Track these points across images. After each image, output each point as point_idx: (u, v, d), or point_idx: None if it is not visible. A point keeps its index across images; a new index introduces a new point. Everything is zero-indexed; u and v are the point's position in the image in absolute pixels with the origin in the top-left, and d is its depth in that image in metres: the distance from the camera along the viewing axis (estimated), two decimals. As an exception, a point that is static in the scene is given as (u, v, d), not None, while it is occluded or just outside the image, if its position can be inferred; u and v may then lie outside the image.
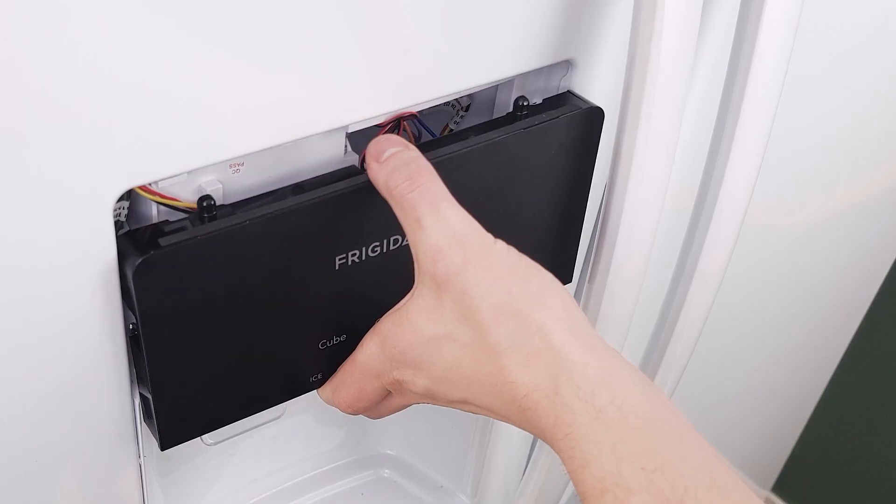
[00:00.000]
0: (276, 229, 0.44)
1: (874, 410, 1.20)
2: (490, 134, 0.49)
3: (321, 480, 0.66)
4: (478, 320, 0.42)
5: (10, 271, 0.39)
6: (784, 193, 0.82)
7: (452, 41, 0.47)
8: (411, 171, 0.44)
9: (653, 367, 0.64)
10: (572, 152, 0.52)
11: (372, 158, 0.45)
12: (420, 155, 0.45)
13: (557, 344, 0.41)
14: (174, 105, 0.39)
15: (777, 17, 0.51)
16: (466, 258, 0.42)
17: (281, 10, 0.40)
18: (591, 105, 0.52)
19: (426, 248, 0.43)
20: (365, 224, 0.47)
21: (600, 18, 0.52)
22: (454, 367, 0.43)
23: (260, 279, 0.45)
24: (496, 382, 0.42)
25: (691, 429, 0.40)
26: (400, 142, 0.45)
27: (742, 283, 0.83)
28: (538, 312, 0.42)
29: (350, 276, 0.47)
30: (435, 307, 0.43)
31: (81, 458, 0.48)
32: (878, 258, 1.08)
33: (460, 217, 0.43)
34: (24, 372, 0.43)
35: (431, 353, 0.44)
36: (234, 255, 0.43)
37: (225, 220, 0.43)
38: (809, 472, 1.27)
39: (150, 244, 0.41)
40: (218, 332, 0.45)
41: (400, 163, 0.44)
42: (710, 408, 1.06)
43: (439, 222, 0.43)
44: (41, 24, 0.34)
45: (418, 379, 0.45)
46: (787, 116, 0.59)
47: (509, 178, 0.51)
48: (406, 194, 0.43)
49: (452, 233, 0.43)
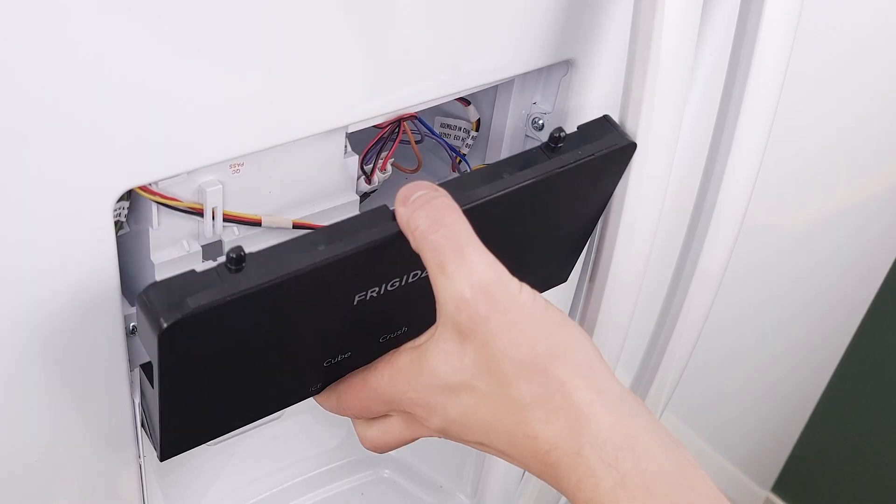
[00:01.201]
0: (307, 282, 0.42)
1: (874, 410, 1.20)
2: (526, 174, 0.46)
3: (321, 480, 0.66)
4: (500, 373, 0.41)
5: (10, 271, 0.39)
6: (784, 193, 0.82)
7: (452, 41, 0.47)
8: (436, 212, 0.42)
9: (653, 368, 0.64)
10: (601, 182, 0.51)
11: (399, 202, 0.43)
12: (446, 195, 0.43)
13: (581, 402, 0.40)
14: (174, 105, 0.39)
15: (777, 17, 0.51)
16: (491, 309, 0.41)
17: (281, 10, 0.40)
18: (628, 141, 0.49)
19: (450, 295, 0.41)
20: (390, 265, 0.45)
21: (600, 18, 0.52)
22: (471, 414, 0.43)
23: (280, 324, 0.43)
24: (516, 434, 0.42)
25: (717, 493, 0.40)
26: (428, 186, 0.44)
27: (742, 284, 0.83)
28: (562, 369, 0.41)
29: (366, 309, 0.46)
30: (456, 354, 0.42)
31: (81, 458, 0.48)
32: (878, 258, 1.08)
33: (486, 263, 0.42)
34: (25, 372, 0.43)
35: (448, 398, 0.43)
36: (260, 308, 0.41)
37: (256, 276, 0.40)
38: (809, 472, 1.27)
39: (177, 304, 0.38)
40: (233, 369, 0.44)
41: (424, 202, 0.42)
42: (710, 408, 1.06)
43: (464, 269, 0.41)
44: (41, 24, 0.34)
45: (432, 418, 0.45)
46: (787, 116, 0.59)
47: (536, 209, 0.49)
48: (429, 236, 0.41)
49: (478, 281, 0.41)
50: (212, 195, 0.46)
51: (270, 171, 0.48)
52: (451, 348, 0.42)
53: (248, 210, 0.48)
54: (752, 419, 1.16)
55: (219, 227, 0.48)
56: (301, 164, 0.49)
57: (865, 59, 0.76)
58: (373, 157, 0.54)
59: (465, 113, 0.57)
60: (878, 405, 1.20)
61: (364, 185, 0.54)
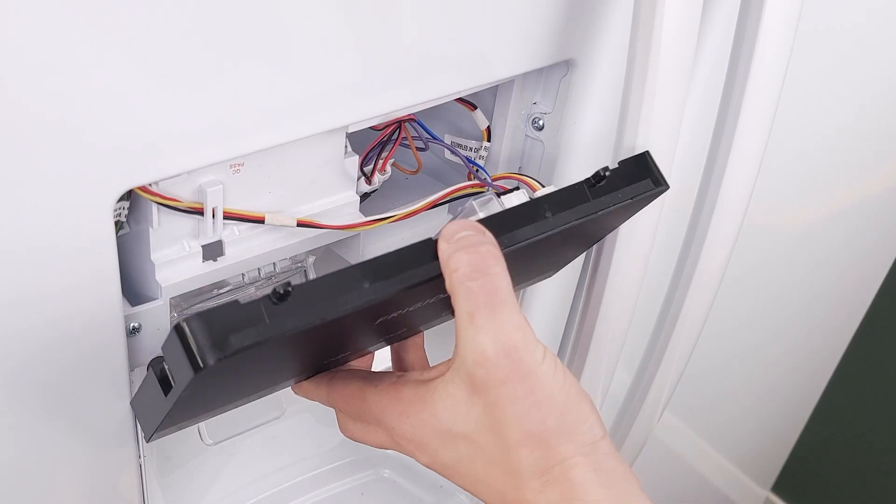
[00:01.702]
0: (346, 318, 0.41)
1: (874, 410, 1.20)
2: (568, 216, 0.46)
3: (321, 480, 0.66)
4: (505, 437, 0.41)
5: (10, 271, 0.39)
6: (784, 194, 0.82)
7: (453, 41, 0.47)
8: (478, 260, 0.41)
9: (652, 368, 0.64)
10: (627, 214, 0.51)
11: (443, 237, 0.42)
12: (492, 241, 0.42)
13: (577, 479, 0.41)
14: (174, 105, 0.39)
15: (777, 17, 0.51)
16: (510, 374, 0.41)
17: (281, 10, 0.40)
18: (665, 185, 0.49)
19: (472, 348, 0.41)
20: (423, 295, 0.44)
21: (600, 18, 0.52)
22: (465, 463, 0.43)
23: (305, 345, 0.43)
24: (507, 494, 0.42)
25: None
26: (475, 227, 0.42)
27: (742, 284, 0.83)
28: (567, 446, 0.41)
29: (385, 325, 0.46)
30: (463, 403, 0.42)
31: (81, 457, 0.48)
32: (878, 258, 1.08)
33: (514, 324, 0.41)
34: (25, 372, 0.43)
35: (444, 443, 0.43)
36: (296, 339, 0.41)
37: (301, 315, 0.39)
38: (809, 472, 1.27)
39: (221, 342, 0.37)
40: (244, 378, 0.44)
41: (468, 245, 0.41)
42: (710, 408, 1.06)
43: (493, 325, 0.40)
44: (41, 24, 0.34)
45: (420, 455, 0.45)
46: (787, 116, 0.59)
47: (566, 239, 0.49)
48: (466, 282, 0.41)
49: (504, 342, 0.40)
50: (212, 195, 0.46)
51: (270, 171, 0.48)
52: (460, 396, 0.42)
53: (247, 210, 0.48)
54: (752, 419, 1.16)
55: (219, 227, 0.48)
56: (301, 164, 0.49)
57: (865, 59, 0.76)
58: (373, 157, 0.54)
59: (472, 120, 0.57)
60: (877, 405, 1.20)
61: (364, 186, 0.54)
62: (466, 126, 0.58)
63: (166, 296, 0.47)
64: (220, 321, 0.37)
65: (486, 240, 0.42)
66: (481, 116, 0.56)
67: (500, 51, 0.49)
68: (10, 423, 0.44)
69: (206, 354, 0.37)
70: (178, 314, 0.53)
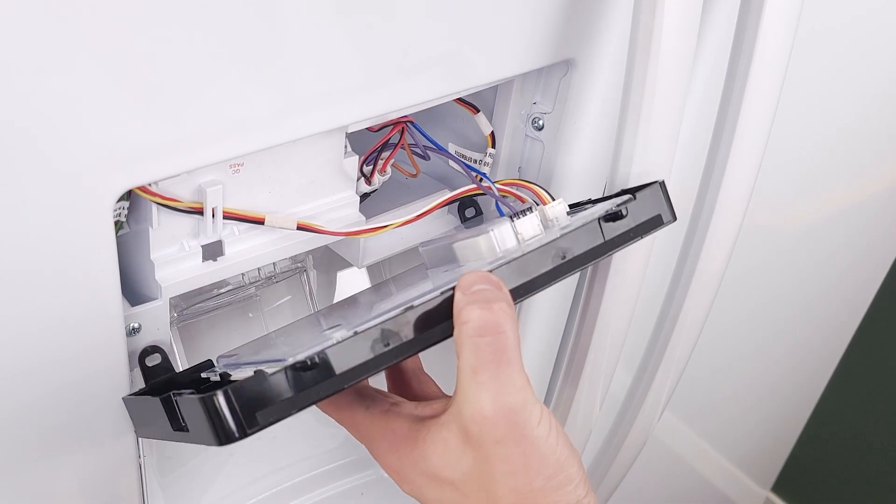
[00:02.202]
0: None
1: (874, 410, 1.20)
2: (584, 259, 0.47)
3: (321, 480, 0.66)
4: (492, 492, 0.42)
5: (10, 271, 0.39)
6: (784, 194, 0.82)
7: (452, 41, 0.47)
8: (490, 317, 0.41)
9: (652, 368, 0.64)
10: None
11: (459, 287, 0.42)
12: (507, 299, 0.42)
13: None
14: (174, 105, 0.39)
15: (777, 16, 0.51)
16: (505, 435, 0.41)
17: (281, 10, 0.40)
18: (673, 218, 0.49)
19: (471, 403, 0.41)
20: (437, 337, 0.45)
21: (600, 18, 0.52)
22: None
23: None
24: None
25: None
26: (493, 282, 0.43)
27: (742, 284, 0.83)
28: (549, 500, 0.42)
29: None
30: (455, 451, 0.43)
31: (81, 457, 0.48)
32: (878, 258, 1.08)
33: (517, 385, 0.41)
34: (25, 372, 0.43)
35: (429, 484, 0.44)
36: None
37: (327, 384, 0.40)
38: (809, 472, 1.27)
39: (248, 419, 0.38)
40: None
41: (482, 300, 0.42)
42: (711, 408, 1.06)
43: (495, 384, 0.41)
44: (40, 24, 0.34)
45: (404, 486, 0.45)
46: (787, 116, 0.59)
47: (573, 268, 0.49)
48: (475, 338, 0.41)
49: (503, 403, 0.41)
50: (212, 195, 0.46)
51: (270, 171, 0.48)
52: (453, 444, 0.43)
53: (247, 210, 0.48)
54: (752, 419, 1.16)
55: (219, 227, 0.48)
56: (301, 164, 0.49)
57: (865, 59, 0.76)
58: (373, 159, 0.54)
59: (475, 126, 0.57)
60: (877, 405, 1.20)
61: (364, 186, 0.54)
62: (470, 133, 0.58)
63: (166, 296, 0.47)
64: (248, 395, 0.38)
65: (501, 296, 0.42)
66: (484, 121, 0.56)
67: (500, 51, 0.49)
68: (10, 423, 0.44)
69: (232, 432, 0.38)
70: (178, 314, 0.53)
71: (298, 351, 0.40)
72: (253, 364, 0.44)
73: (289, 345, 0.48)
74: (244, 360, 0.46)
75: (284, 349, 0.47)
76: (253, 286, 0.57)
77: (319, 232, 0.50)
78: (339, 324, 0.44)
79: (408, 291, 0.50)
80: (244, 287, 0.57)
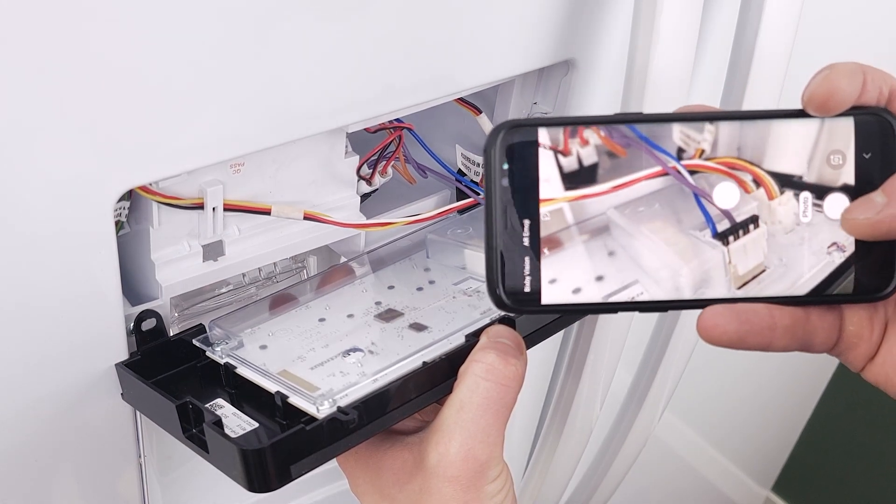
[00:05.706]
0: None
1: (874, 410, 1.20)
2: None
3: (321, 480, 0.66)
4: None
5: (10, 272, 0.40)
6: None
7: (453, 42, 0.47)
8: (503, 367, 0.43)
9: (652, 368, 0.64)
10: None
11: (486, 334, 0.44)
12: (524, 363, 0.44)
13: None
14: (175, 105, 0.39)
15: (777, 16, 0.51)
16: (458, 477, 0.42)
17: (280, 10, 0.40)
18: None
19: (443, 435, 0.42)
20: None
21: (600, 18, 0.52)
22: None
23: None
24: None
25: None
26: (519, 345, 0.45)
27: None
28: None
29: None
30: (406, 473, 0.43)
31: (82, 457, 0.48)
32: (878, 258, 1.07)
33: (491, 440, 0.42)
34: (25, 372, 0.43)
35: (371, 494, 0.45)
36: None
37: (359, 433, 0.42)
38: (809, 472, 1.27)
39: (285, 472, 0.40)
40: None
41: (503, 352, 0.43)
42: (710, 408, 1.06)
43: (473, 428, 0.42)
44: (40, 24, 0.34)
45: (350, 484, 0.46)
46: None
47: None
48: (478, 375, 0.43)
49: (470, 448, 0.42)
50: (212, 195, 0.46)
51: (270, 171, 0.48)
52: (408, 466, 0.43)
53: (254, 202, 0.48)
54: (752, 419, 1.16)
55: (219, 227, 0.48)
56: (301, 164, 0.49)
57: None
58: (373, 161, 0.54)
59: (478, 126, 0.56)
60: (877, 405, 1.20)
61: (364, 186, 0.54)
62: (472, 134, 0.58)
63: (166, 295, 0.47)
64: (287, 449, 0.40)
65: (520, 360, 0.44)
66: (487, 122, 0.56)
67: (500, 51, 0.49)
68: (10, 423, 0.44)
69: (273, 482, 0.40)
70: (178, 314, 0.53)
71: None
72: (262, 373, 0.45)
73: (286, 326, 0.48)
74: (244, 357, 0.46)
75: (285, 341, 0.47)
76: (253, 286, 0.57)
77: (325, 222, 0.50)
78: (357, 348, 0.46)
79: (408, 275, 0.51)
80: (245, 287, 0.57)
